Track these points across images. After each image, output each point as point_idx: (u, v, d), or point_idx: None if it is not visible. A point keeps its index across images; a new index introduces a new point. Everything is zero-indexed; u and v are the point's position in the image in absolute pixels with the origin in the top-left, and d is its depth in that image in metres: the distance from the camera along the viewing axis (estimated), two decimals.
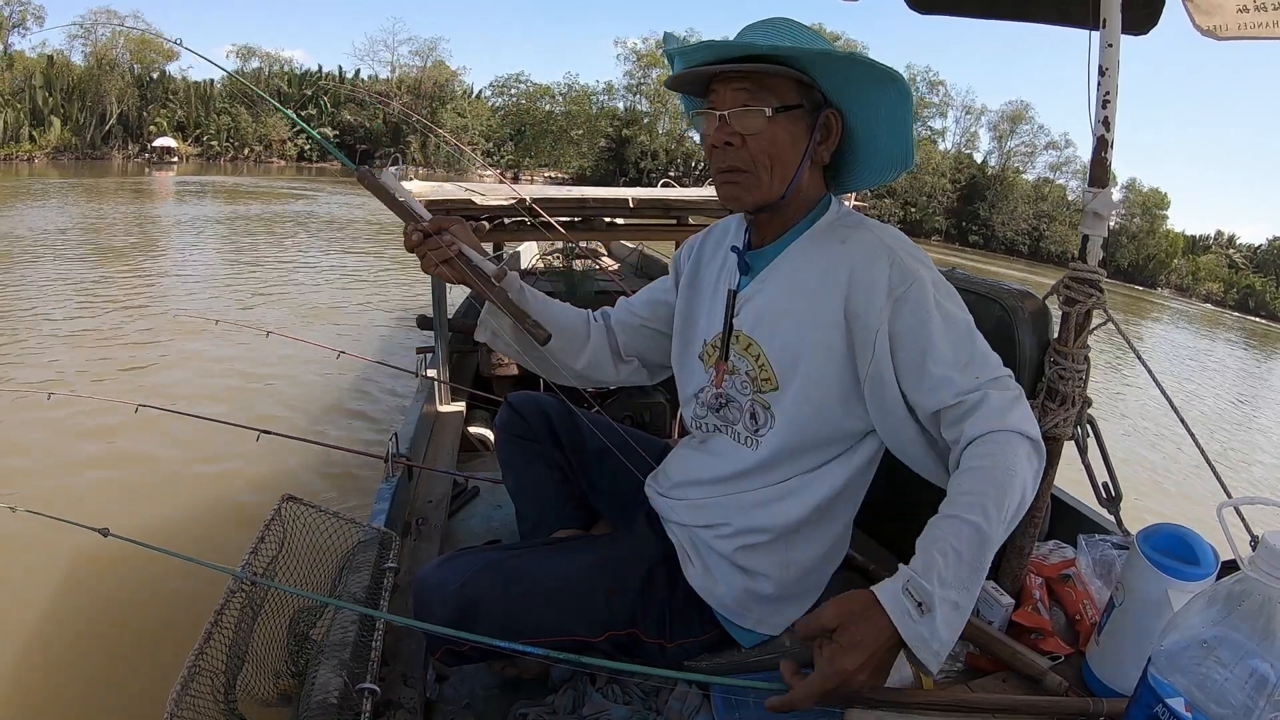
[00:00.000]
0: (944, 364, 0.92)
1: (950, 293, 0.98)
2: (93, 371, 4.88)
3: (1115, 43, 1.19)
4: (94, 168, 29.60)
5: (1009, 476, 0.83)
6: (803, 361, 1.01)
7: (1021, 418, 0.89)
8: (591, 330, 1.27)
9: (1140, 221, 43.71)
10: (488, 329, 1.22)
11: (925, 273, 0.97)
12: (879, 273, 0.95)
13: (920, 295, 0.94)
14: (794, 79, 0.96)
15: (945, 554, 0.77)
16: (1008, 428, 0.87)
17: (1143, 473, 5.63)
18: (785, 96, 0.96)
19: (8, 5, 34.89)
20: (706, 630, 1.14)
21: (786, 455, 1.06)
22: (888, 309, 0.94)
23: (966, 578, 0.77)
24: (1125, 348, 1.25)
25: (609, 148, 44.60)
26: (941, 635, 0.74)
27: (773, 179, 0.99)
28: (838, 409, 1.01)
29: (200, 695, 0.95)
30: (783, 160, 0.98)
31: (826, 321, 0.98)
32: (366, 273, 9.75)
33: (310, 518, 1.36)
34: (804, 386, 1.01)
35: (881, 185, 1.12)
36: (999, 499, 0.81)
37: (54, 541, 2.62)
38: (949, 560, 0.77)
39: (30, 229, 10.85)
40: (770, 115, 0.95)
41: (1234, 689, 0.63)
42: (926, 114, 46.21)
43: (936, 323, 0.93)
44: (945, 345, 0.93)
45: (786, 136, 0.97)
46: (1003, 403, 0.89)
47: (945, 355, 0.93)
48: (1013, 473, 0.83)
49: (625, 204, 3.07)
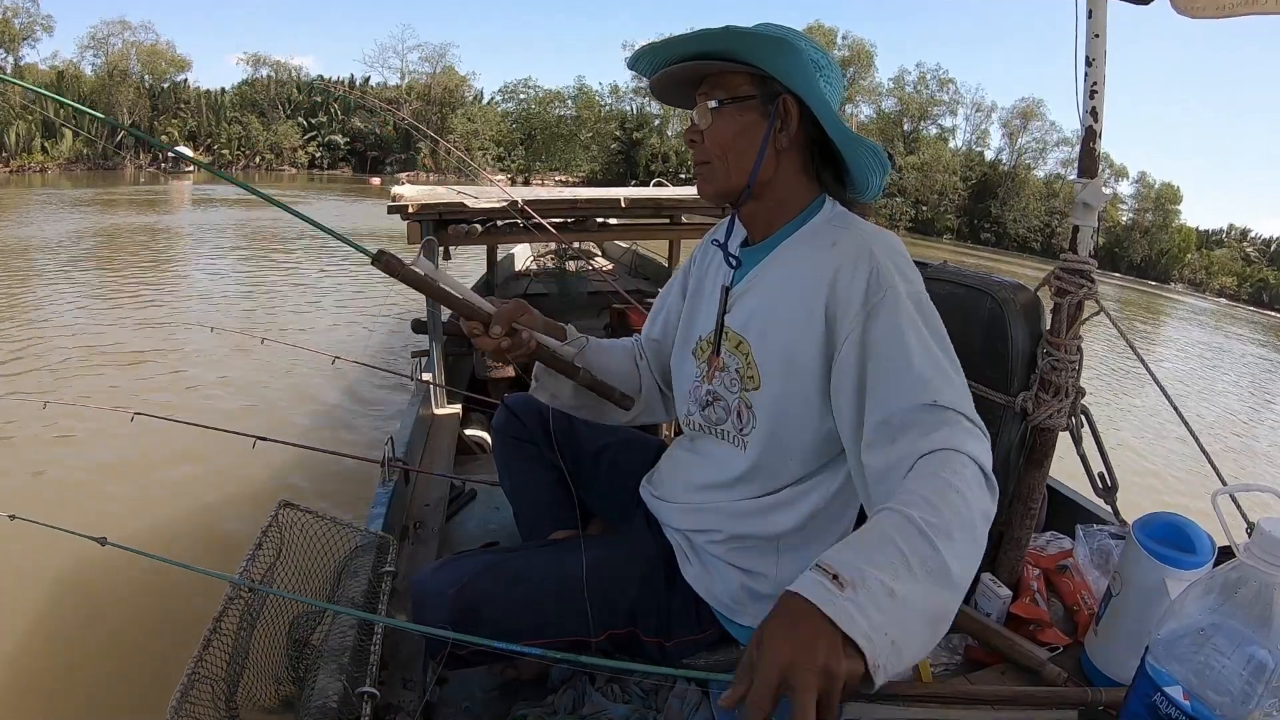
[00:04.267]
0: (908, 378, 0.87)
1: (928, 311, 0.94)
2: (89, 380, 4.86)
3: (1102, 33, 1.19)
4: (106, 177, 29.44)
5: (949, 487, 0.74)
6: (785, 361, 1.01)
7: (979, 450, 0.81)
8: (641, 374, 1.30)
9: (1153, 216, 43.57)
10: (546, 391, 1.22)
11: (904, 285, 0.93)
12: (859, 279, 0.94)
13: (894, 307, 0.91)
14: (748, 73, 0.98)
15: (869, 535, 0.70)
16: (965, 451, 0.79)
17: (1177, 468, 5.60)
18: (734, 89, 0.99)
19: (16, 17, 34.82)
20: (705, 628, 1.14)
21: (772, 459, 1.05)
22: (861, 317, 0.92)
23: (901, 565, 0.66)
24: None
25: (619, 151, 44.55)
26: (871, 615, 0.62)
27: (729, 169, 1.01)
28: (816, 412, 1.00)
29: (200, 702, 0.95)
30: (736, 149, 1.00)
31: (809, 322, 0.98)
32: (360, 277, 9.73)
33: (307, 523, 1.35)
34: (784, 386, 1.01)
35: (882, 189, 1.10)
36: (942, 495, 0.73)
37: (52, 550, 2.61)
38: (873, 542, 0.69)
39: (44, 239, 10.83)
40: (715, 107, 1.00)
41: (1232, 676, 0.63)
42: (936, 112, 46.27)
43: (908, 336, 0.90)
44: (913, 360, 0.88)
45: (734, 126, 1.00)
46: (961, 431, 0.83)
47: (911, 371, 0.88)
48: (953, 486, 0.74)
49: (617, 204, 3.07)
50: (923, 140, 44.41)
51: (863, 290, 0.93)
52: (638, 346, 1.34)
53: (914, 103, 45.24)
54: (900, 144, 42.96)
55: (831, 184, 1.08)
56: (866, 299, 0.93)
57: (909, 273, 0.96)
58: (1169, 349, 14.53)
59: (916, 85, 45.47)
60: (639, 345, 1.34)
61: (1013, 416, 1.27)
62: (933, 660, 1.18)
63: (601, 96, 45.52)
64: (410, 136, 40.15)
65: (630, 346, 1.34)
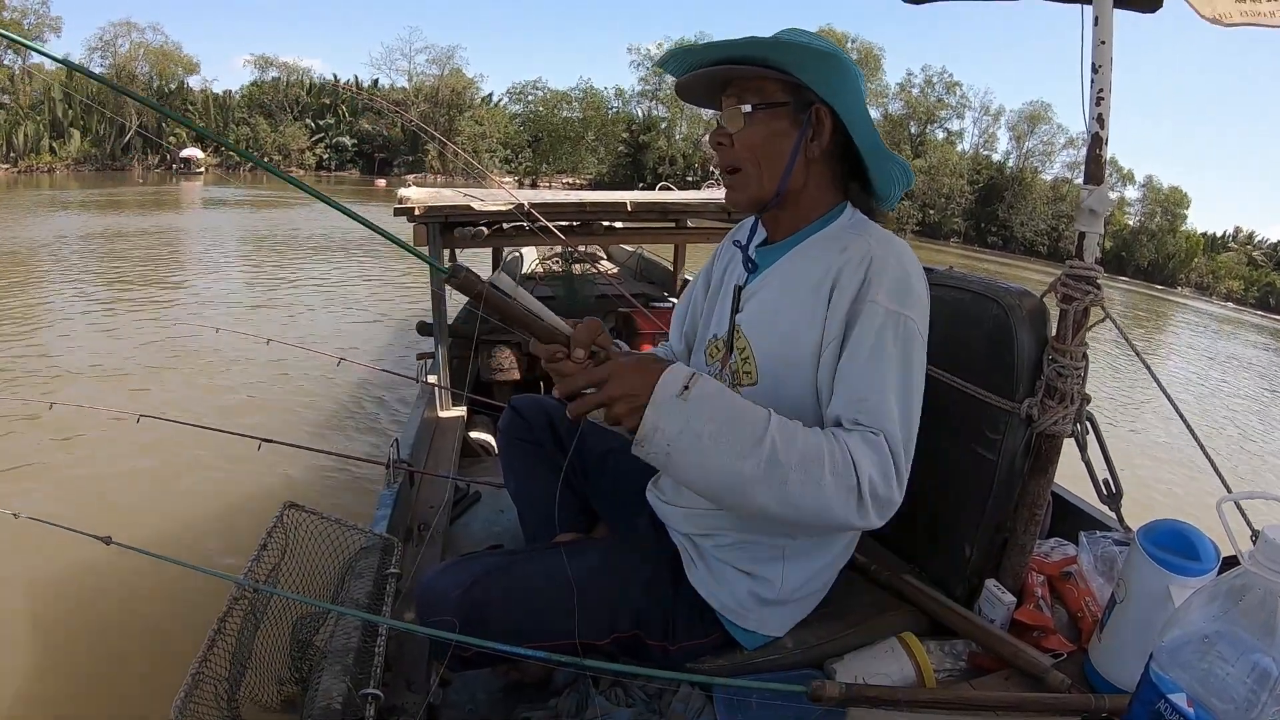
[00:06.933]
0: (852, 387, 0.93)
1: (902, 333, 0.95)
2: (95, 381, 4.88)
3: (1108, 39, 1.19)
4: (114, 178, 29.59)
5: (819, 451, 0.86)
6: (781, 360, 1.02)
7: (871, 463, 0.87)
8: None
9: (1160, 220, 43.31)
10: None
11: (885, 303, 0.94)
12: (853, 284, 0.96)
13: (869, 319, 0.94)
14: (781, 80, 0.98)
15: (738, 400, 0.88)
16: (855, 458, 0.86)
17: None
18: (769, 95, 0.99)
19: (26, 19, 34.97)
20: (709, 632, 1.14)
21: None
22: (844, 324, 0.96)
23: (727, 433, 0.84)
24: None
25: (626, 154, 44.54)
26: (674, 424, 0.83)
27: (762, 175, 1.02)
28: (810, 412, 1.01)
29: (204, 702, 0.96)
30: (768, 156, 1.00)
31: (809, 324, 0.99)
32: (367, 279, 9.76)
33: (312, 524, 1.36)
34: (779, 384, 1.02)
35: (898, 199, 1.11)
36: (806, 441, 0.86)
37: (57, 549, 2.62)
38: (738, 406, 0.87)
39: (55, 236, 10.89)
40: (748, 112, 0.99)
41: (1236, 684, 0.63)
42: (943, 116, 46.16)
43: (871, 352, 0.93)
44: (862, 372, 0.93)
45: (766, 132, 1.00)
46: (861, 440, 0.89)
47: (857, 381, 0.93)
48: (825, 465, 0.85)
49: (623, 208, 3.08)
50: (930, 143, 44.27)
51: (851, 297, 0.96)
52: (672, 354, 1.35)
53: (921, 106, 45.16)
54: (908, 147, 42.80)
55: (858, 194, 1.09)
56: (853, 304, 0.96)
57: (900, 293, 0.96)
58: (1174, 354, 14.42)
59: (923, 88, 45.41)
60: (668, 352, 1.36)
61: (1018, 423, 1.26)
62: (936, 666, 1.18)
63: (608, 100, 45.58)
64: (417, 139, 40.26)
65: (667, 354, 1.35)
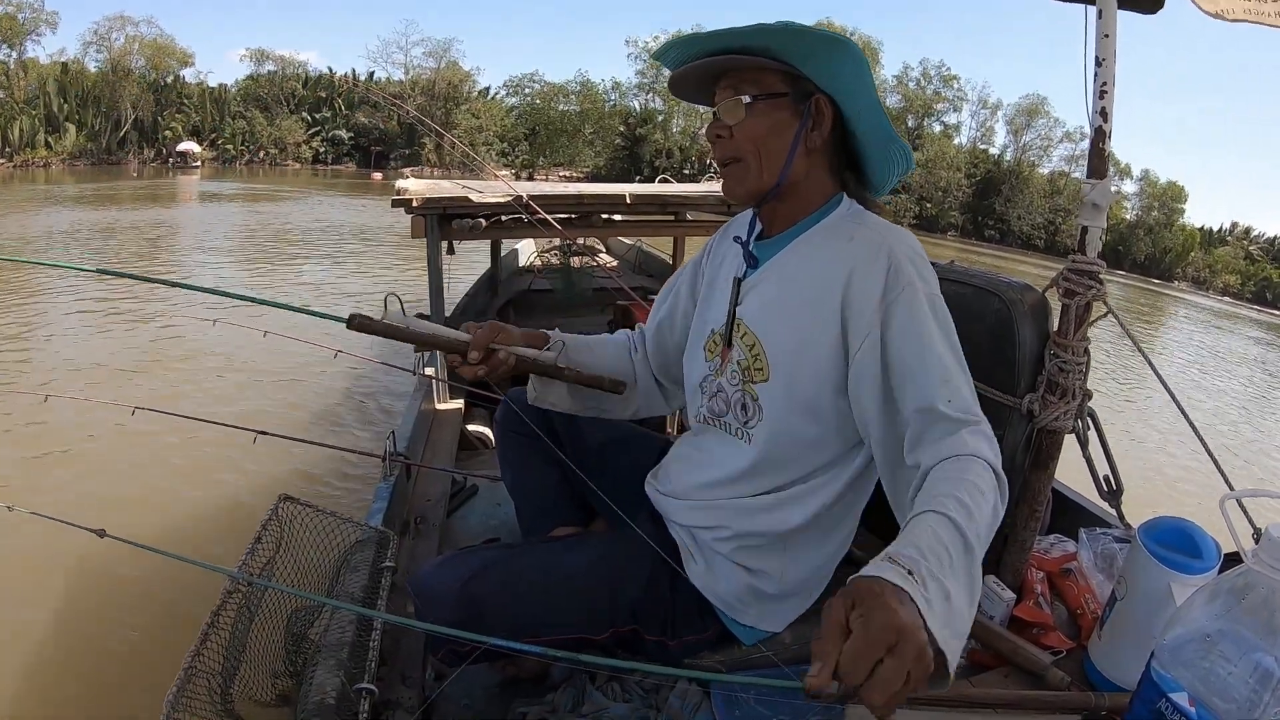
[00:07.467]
0: (928, 379, 0.89)
1: (942, 313, 0.95)
2: (90, 373, 4.87)
3: (1112, 33, 1.18)
4: (110, 172, 29.43)
5: (978, 491, 0.77)
6: (796, 355, 1.01)
7: (992, 455, 0.84)
8: (636, 367, 1.32)
9: (1157, 214, 43.13)
10: (544, 400, 1.26)
11: (921, 284, 0.94)
12: (876, 275, 0.94)
13: (910, 304, 0.92)
14: (779, 70, 0.97)
15: (922, 536, 0.69)
16: (983, 458, 0.82)
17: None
18: (768, 86, 0.98)
19: (21, 13, 34.71)
20: (708, 627, 1.14)
21: (778, 453, 1.05)
22: (880, 313, 0.93)
23: (949, 567, 0.67)
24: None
25: (624, 146, 44.37)
26: (938, 612, 0.61)
27: (762, 167, 1.00)
28: (828, 407, 1.00)
29: (197, 696, 0.95)
30: (768, 147, 0.99)
31: (823, 317, 0.98)
32: (363, 270, 9.73)
33: (308, 517, 1.35)
34: (794, 379, 1.01)
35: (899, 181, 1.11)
36: (974, 499, 0.75)
37: (51, 541, 2.61)
38: (928, 543, 0.68)
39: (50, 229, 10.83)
40: (748, 103, 0.98)
41: (1238, 683, 0.62)
42: (940, 109, 45.87)
43: (925, 336, 0.91)
44: (932, 360, 0.90)
45: (766, 122, 0.98)
46: (979, 436, 0.85)
47: (930, 372, 0.90)
48: (981, 491, 0.77)
49: (622, 200, 3.07)
50: (927, 136, 44.10)
51: (880, 286, 0.94)
52: (633, 340, 1.35)
53: (918, 99, 45.03)
54: (905, 140, 42.73)
55: (854, 184, 1.09)
56: (885, 295, 0.94)
57: (925, 272, 0.97)
58: (1175, 349, 14.44)
59: (920, 81, 45.27)
60: (635, 339, 1.35)
61: (1019, 418, 1.26)
62: None
63: (606, 93, 45.40)
64: (414, 132, 40.11)
65: (622, 340, 1.35)
